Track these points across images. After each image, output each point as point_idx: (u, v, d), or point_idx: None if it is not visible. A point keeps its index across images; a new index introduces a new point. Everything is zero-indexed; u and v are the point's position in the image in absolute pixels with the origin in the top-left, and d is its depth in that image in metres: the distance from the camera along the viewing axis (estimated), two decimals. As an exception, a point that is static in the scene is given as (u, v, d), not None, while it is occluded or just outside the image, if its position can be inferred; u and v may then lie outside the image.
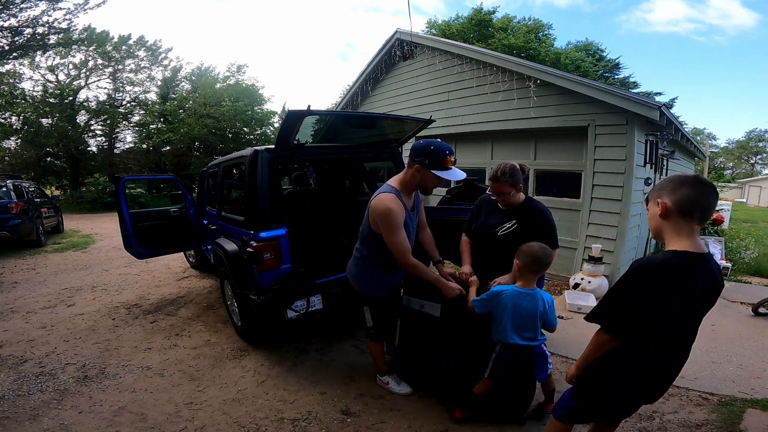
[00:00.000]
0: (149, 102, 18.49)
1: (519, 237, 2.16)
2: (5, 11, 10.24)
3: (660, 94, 22.79)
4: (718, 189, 1.38)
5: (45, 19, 10.97)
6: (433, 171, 2.00)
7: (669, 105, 16.91)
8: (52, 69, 16.04)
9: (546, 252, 1.96)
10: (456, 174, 2.04)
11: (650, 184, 4.70)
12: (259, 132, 19.92)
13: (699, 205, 1.25)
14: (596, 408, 1.54)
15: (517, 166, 2.21)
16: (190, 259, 5.85)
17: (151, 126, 17.85)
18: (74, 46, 14.94)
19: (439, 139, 2.13)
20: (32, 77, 17.11)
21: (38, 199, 8.28)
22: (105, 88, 17.82)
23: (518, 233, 2.20)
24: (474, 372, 2.15)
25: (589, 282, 4.32)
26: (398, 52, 7.25)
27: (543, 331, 2.07)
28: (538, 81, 5.01)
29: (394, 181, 2.20)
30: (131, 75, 17.82)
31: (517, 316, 1.96)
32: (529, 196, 2.36)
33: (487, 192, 2.35)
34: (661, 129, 4.67)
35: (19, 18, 10.58)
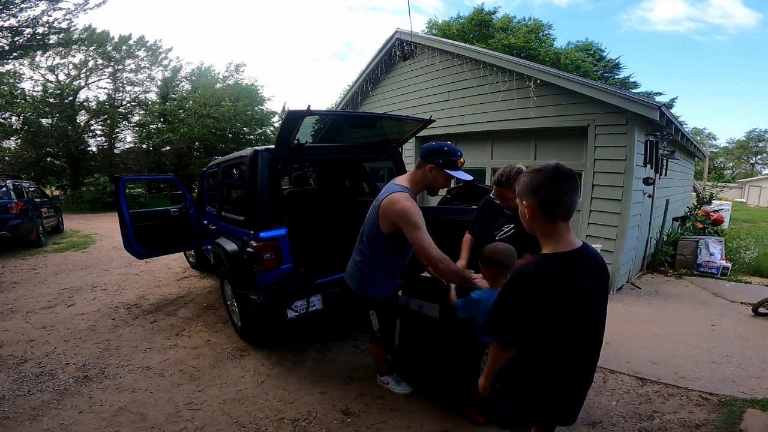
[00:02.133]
0: (149, 102, 18.48)
1: (515, 242, 2.12)
2: (5, 11, 10.23)
3: (660, 94, 22.84)
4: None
5: (45, 19, 10.97)
6: (446, 170, 2.06)
7: (669, 105, 16.92)
8: (52, 69, 16.03)
9: (501, 251, 1.92)
10: (464, 175, 2.12)
11: (651, 183, 4.70)
12: (259, 132, 19.89)
13: (562, 204, 1.21)
14: (522, 412, 1.49)
15: (523, 169, 2.19)
16: (190, 259, 5.85)
17: (151, 126, 17.83)
18: (74, 46, 14.93)
19: (448, 142, 2.16)
20: (32, 77, 17.16)
21: (38, 199, 8.27)
22: (105, 88, 17.83)
23: (515, 238, 2.16)
24: (473, 372, 2.15)
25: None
26: (398, 52, 7.25)
27: None
28: (538, 81, 5.01)
29: (403, 181, 2.18)
30: (131, 75, 17.83)
31: None
32: None
33: (496, 199, 2.30)
34: (661, 129, 4.67)
35: (19, 18, 10.57)
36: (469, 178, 2.15)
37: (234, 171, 3.97)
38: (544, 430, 1.65)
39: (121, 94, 17.97)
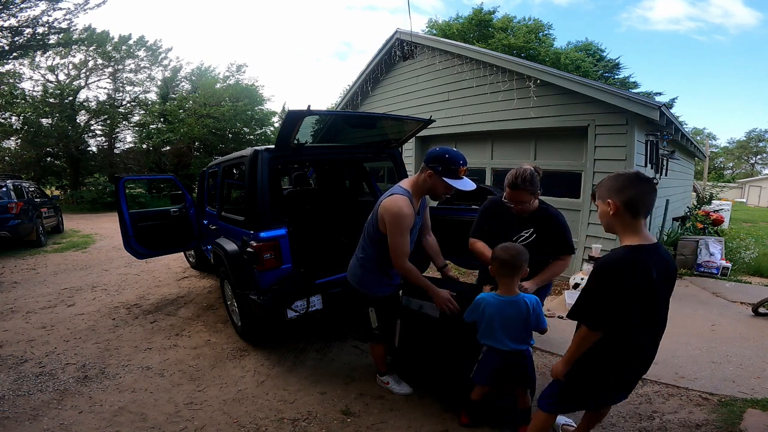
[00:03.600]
0: (149, 102, 18.49)
1: (538, 246, 2.12)
2: (5, 11, 10.23)
3: (660, 93, 22.85)
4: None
5: (45, 19, 10.97)
6: (444, 178, 2.01)
7: (669, 105, 16.91)
8: (52, 69, 16.04)
9: (513, 253, 1.91)
10: (467, 184, 2.04)
11: (656, 184, 4.70)
12: (259, 132, 19.90)
13: (645, 203, 1.41)
14: (580, 396, 1.64)
15: (535, 171, 2.13)
16: (190, 259, 5.85)
17: (151, 126, 17.84)
18: (74, 46, 14.93)
19: (454, 147, 2.12)
20: (32, 77, 17.18)
21: (38, 199, 8.27)
22: (105, 88, 17.84)
23: (537, 242, 2.15)
24: (467, 372, 2.15)
25: (589, 282, 4.31)
26: (398, 52, 7.25)
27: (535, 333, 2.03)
28: (538, 81, 5.01)
29: (406, 183, 2.19)
30: (131, 75, 17.85)
31: (504, 324, 1.94)
32: (543, 202, 2.25)
33: (503, 199, 2.21)
34: (661, 129, 4.67)
35: (19, 18, 10.57)
36: (472, 187, 2.04)
37: (234, 171, 3.97)
38: (593, 414, 1.84)
39: (121, 94, 17.99)
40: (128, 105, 18.14)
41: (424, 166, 2.10)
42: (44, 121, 15.29)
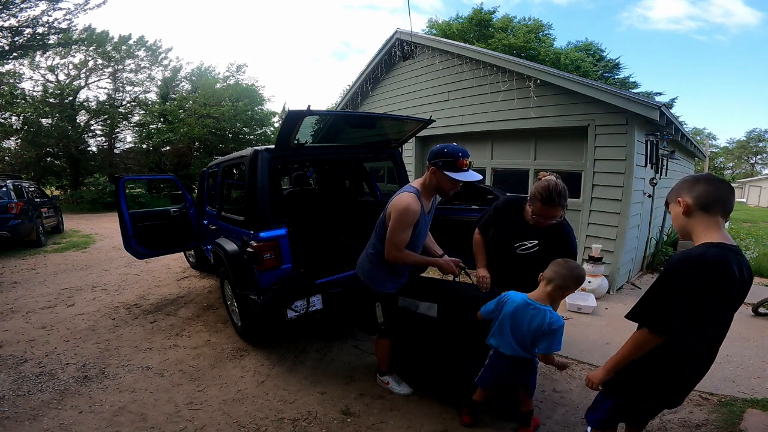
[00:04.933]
0: (149, 102, 18.48)
1: (539, 259, 2.09)
2: (5, 11, 10.23)
3: (660, 93, 22.84)
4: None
5: (45, 19, 10.98)
6: (446, 173, 2.03)
7: (669, 105, 16.90)
8: (52, 69, 16.03)
9: (578, 274, 1.86)
10: (470, 176, 2.04)
11: (656, 184, 4.70)
12: (259, 132, 19.90)
13: (718, 198, 1.30)
14: (630, 411, 1.53)
15: (563, 184, 2.04)
16: (190, 259, 5.85)
17: (151, 126, 17.84)
18: (74, 46, 14.93)
19: (454, 143, 2.13)
20: (32, 77, 17.19)
21: (38, 199, 8.27)
22: (105, 88, 17.83)
23: (538, 255, 2.11)
24: (472, 372, 2.15)
25: (589, 282, 4.32)
26: (398, 52, 7.25)
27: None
28: (538, 81, 5.01)
29: (416, 183, 2.23)
30: (131, 75, 17.84)
31: (516, 326, 1.89)
32: (564, 219, 2.15)
33: (534, 216, 2.07)
34: (661, 129, 4.67)
35: (19, 18, 10.58)
36: (477, 178, 2.05)
37: (234, 171, 3.98)
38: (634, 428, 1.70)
39: (121, 94, 17.98)
40: (128, 105, 18.13)
41: (427, 164, 2.13)
42: (44, 121, 15.28)
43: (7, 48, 10.86)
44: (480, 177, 2.10)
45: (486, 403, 2.18)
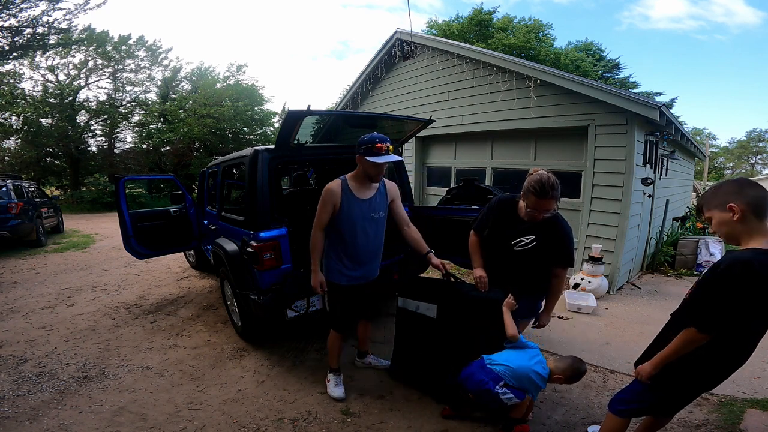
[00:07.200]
0: (149, 102, 18.49)
1: (536, 254, 2.10)
2: (5, 11, 10.23)
3: (660, 93, 22.83)
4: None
5: (45, 19, 10.97)
6: (366, 158, 2.15)
7: (669, 105, 16.92)
8: (52, 69, 16.03)
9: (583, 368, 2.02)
10: (389, 158, 2.17)
11: (650, 183, 4.69)
12: (259, 132, 19.90)
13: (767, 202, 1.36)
14: (669, 404, 1.62)
15: (555, 178, 2.06)
16: (190, 259, 5.85)
17: (151, 126, 17.85)
18: (74, 46, 14.92)
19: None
20: (32, 77, 17.18)
21: (38, 199, 8.27)
22: (105, 88, 17.87)
23: (536, 250, 2.11)
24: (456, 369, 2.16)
25: (589, 282, 4.32)
26: (398, 52, 7.25)
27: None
28: (538, 81, 5.01)
29: (349, 173, 2.36)
30: (131, 75, 17.85)
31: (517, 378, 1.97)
32: (558, 212, 2.16)
33: (529, 210, 2.07)
34: (661, 129, 4.67)
35: (19, 18, 10.57)
36: (396, 159, 2.21)
37: (234, 171, 3.98)
38: (656, 421, 1.86)
39: (121, 94, 17.99)
40: (128, 105, 18.14)
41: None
42: (44, 121, 15.30)
43: (7, 48, 10.85)
44: (399, 158, 2.25)
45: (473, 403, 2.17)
